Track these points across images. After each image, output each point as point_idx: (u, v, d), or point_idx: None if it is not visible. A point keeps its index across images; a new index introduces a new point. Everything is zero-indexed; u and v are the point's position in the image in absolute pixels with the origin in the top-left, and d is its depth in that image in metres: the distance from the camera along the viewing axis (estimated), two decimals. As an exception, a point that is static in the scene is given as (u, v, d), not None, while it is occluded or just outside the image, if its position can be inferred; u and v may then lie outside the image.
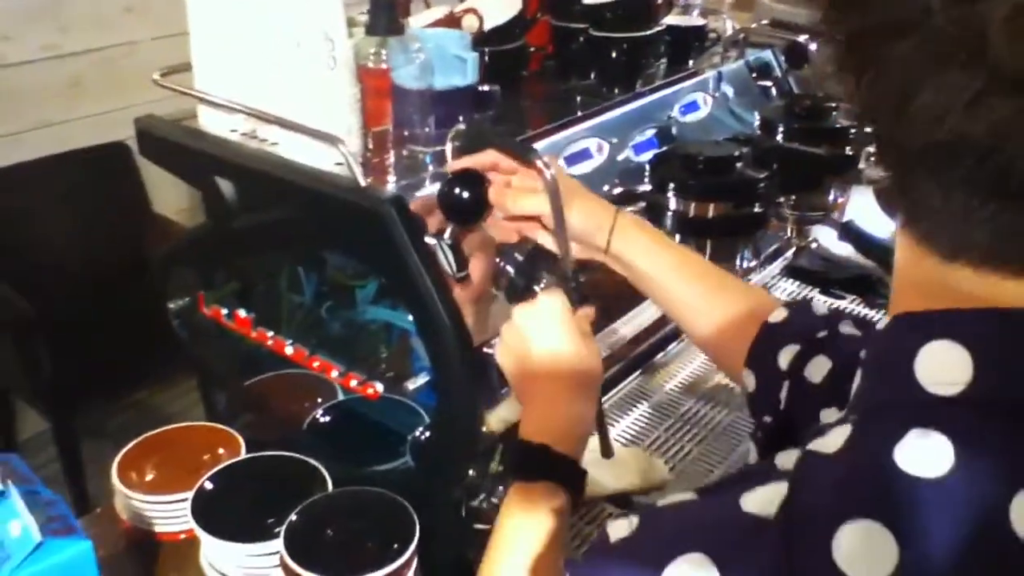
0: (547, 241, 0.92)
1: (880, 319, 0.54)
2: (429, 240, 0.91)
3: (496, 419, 1.00)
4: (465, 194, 0.89)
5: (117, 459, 1.10)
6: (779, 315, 0.84)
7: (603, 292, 1.21)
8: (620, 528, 0.50)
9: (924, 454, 0.43)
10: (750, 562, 0.44)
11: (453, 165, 0.92)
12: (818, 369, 0.79)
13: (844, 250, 1.42)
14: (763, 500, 0.45)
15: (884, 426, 0.45)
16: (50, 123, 2.51)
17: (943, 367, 0.45)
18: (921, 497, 0.42)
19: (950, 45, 0.40)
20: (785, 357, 0.81)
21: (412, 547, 0.91)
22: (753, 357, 0.84)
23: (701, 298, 0.90)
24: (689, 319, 0.91)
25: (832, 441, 0.46)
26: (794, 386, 0.81)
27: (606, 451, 0.96)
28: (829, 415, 0.78)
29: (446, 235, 0.91)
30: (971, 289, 0.46)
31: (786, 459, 0.48)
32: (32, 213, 2.44)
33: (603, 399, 1.23)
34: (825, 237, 1.36)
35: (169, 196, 2.63)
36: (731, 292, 0.90)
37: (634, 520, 0.49)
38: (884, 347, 0.49)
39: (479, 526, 1.06)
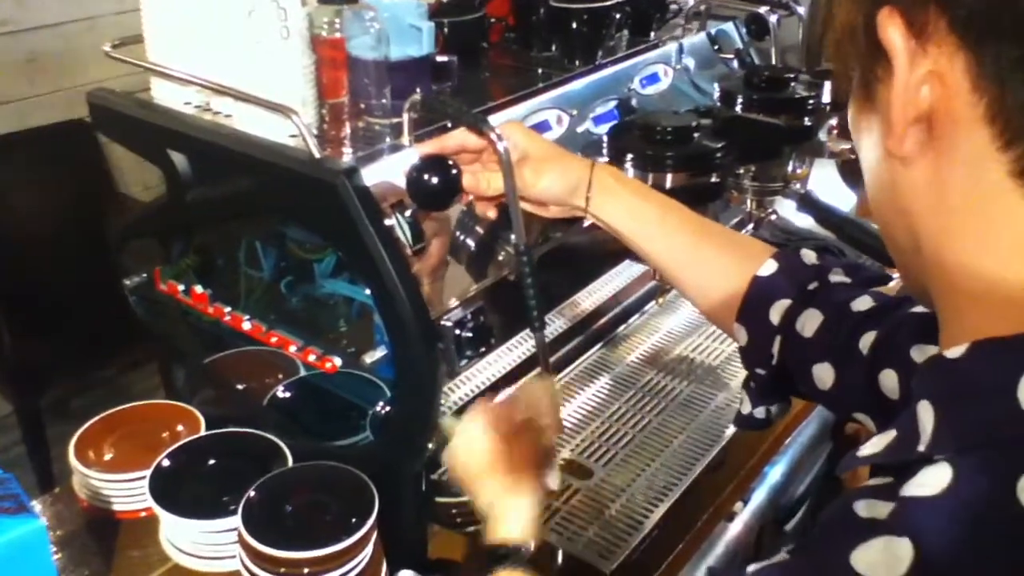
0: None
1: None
2: (385, 212, 0.90)
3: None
4: (434, 180, 0.88)
5: (75, 438, 1.09)
6: (768, 268, 0.83)
7: (565, 265, 1.21)
8: None
9: None
10: None
11: (421, 151, 0.91)
12: (810, 322, 0.79)
13: (804, 222, 1.42)
14: (877, 560, 0.41)
15: (996, 464, 0.41)
16: (8, 100, 2.46)
17: None
18: None
19: None
20: (776, 311, 0.81)
21: (371, 521, 0.91)
22: (744, 312, 0.83)
23: (686, 250, 0.88)
24: (675, 272, 0.90)
25: (931, 483, 0.42)
26: (786, 340, 0.81)
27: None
28: (823, 370, 0.78)
29: (402, 207, 0.91)
30: None
31: (869, 508, 0.43)
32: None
33: (563, 373, 1.25)
34: (785, 209, 1.37)
35: (133, 174, 2.59)
36: (717, 242, 0.89)
37: None
38: (969, 377, 0.45)
39: (440, 499, 1.06)
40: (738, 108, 1.23)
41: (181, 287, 1.11)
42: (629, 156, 1.08)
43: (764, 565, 0.45)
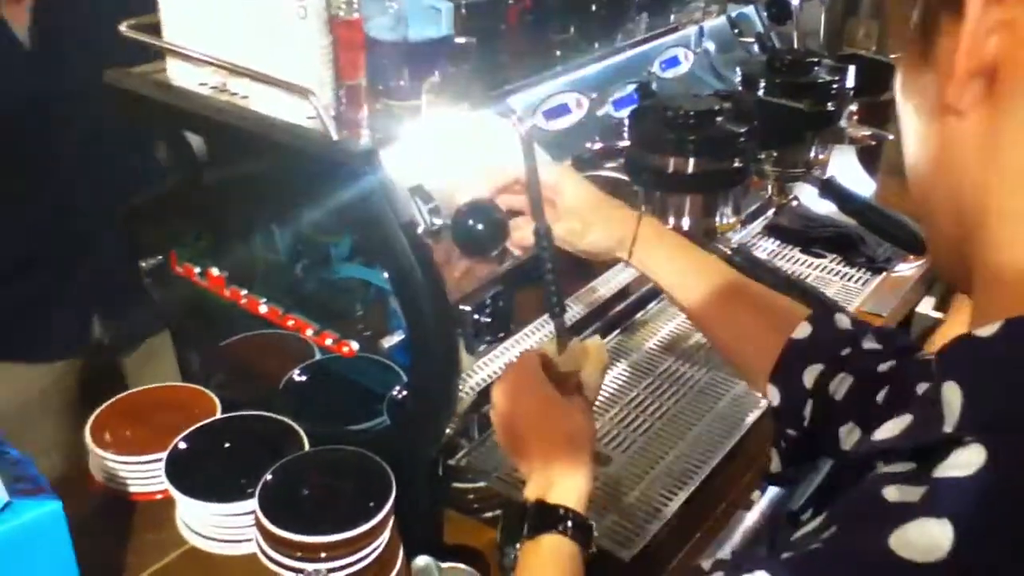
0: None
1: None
2: (403, 196, 0.89)
3: None
4: (480, 226, 0.88)
5: (91, 420, 1.09)
6: (803, 331, 0.85)
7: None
8: None
9: None
10: None
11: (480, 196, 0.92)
12: (841, 386, 0.81)
13: (825, 208, 1.41)
14: (917, 543, 0.40)
15: None
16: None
17: None
18: None
19: None
20: (810, 375, 0.83)
21: (388, 505, 0.91)
22: (778, 374, 0.85)
23: (722, 308, 0.91)
24: (709, 326, 0.93)
25: (965, 464, 0.41)
26: (818, 403, 0.82)
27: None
28: (848, 431, 0.80)
29: (421, 190, 0.90)
30: None
31: (898, 493, 0.42)
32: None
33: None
34: (806, 195, 1.35)
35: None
36: (753, 301, 0.91)
37: None
38: (1000, 356, 0.43)
39: (457, 484, 1.05)
40: (760, 92, 1.21)
41: (197, 269, 1.10)
42: (650, 140, 1.06)
43: (798, 553, 0.44)
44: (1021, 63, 0.43)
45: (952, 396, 0.43)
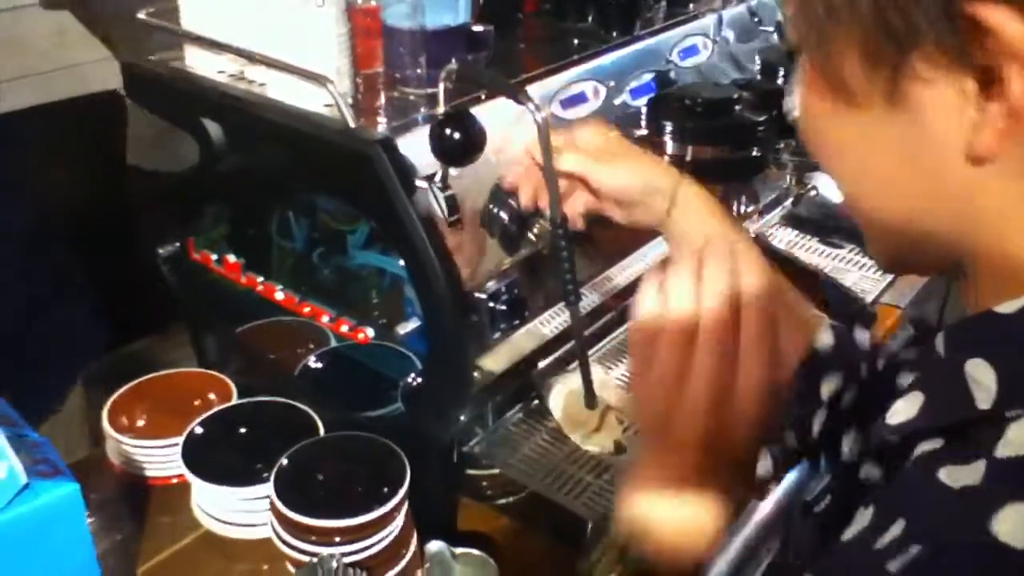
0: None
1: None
2: (420, 183, 0.89)
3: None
4: (456, 135, 0.87)
5: (108, 404, 1.09)
6: (826, 342, 0.80)
7: (600, 238, 1.20)
8: None
9: None
10: None
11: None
12: (849, 398, 0.79)
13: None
14: (1015, 529, 0.38)
15: None
16: (36, 72, 2.46)
17: None
18: None
19: None
20: (827, 387, 0.79)
21: (403, 491, 0.91)
22: (797, 383, 0.80)
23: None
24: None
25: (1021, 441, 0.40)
26: (829, 415, 0.80)
27: (590, 401, 0.94)
28: (848, 439, 0.77)
29: (437, 178, 0.90)
30: None
31: (951, 475, 0.41)
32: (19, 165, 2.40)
33: (594, 349, 1.23)
34: (824, 185, 1.34)
35: (163, 146, 2.59)
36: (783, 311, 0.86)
37: None
38: None
39: (471, 471, 1.06)
40: (779, 80, 1.20)
41: (214, 256, 1.11)
42: (668, 129, 1.06)
43: (905, 564, 0.41)
44: None
45: (981, 373, 0.43)
